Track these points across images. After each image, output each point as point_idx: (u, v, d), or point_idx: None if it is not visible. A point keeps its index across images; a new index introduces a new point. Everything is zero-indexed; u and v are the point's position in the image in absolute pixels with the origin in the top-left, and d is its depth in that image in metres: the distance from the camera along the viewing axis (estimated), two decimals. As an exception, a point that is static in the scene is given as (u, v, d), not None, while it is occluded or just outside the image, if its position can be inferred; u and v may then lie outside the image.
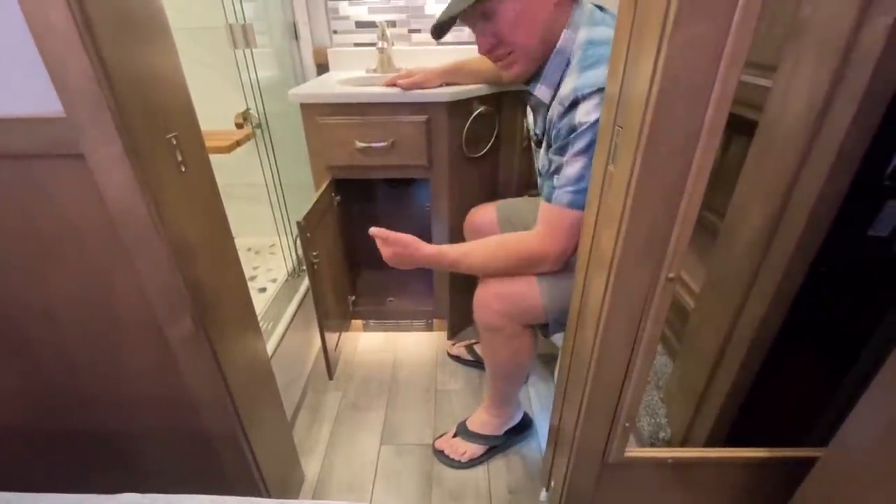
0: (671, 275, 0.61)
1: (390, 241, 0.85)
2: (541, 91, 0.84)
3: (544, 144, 0.87)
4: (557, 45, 0.80)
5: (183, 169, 0.62)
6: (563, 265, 0.84)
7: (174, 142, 0.60)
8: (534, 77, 0.86)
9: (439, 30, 0.86)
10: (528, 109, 1.00)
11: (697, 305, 1.01)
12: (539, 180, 0.95)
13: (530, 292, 0.84)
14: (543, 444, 1.13)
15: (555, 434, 0.95)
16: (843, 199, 0.70)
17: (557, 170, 0.79)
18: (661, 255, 0.59)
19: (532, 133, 0.99)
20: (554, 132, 0.80)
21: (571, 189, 0.76)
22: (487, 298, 0.87)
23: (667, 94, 0.48)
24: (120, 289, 0.64)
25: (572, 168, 0.76)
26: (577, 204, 0.76)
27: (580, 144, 0.74)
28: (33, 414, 0.78)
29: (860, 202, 0.72)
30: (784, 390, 0.87)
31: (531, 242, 0.82)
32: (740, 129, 1.11)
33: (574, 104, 0.74)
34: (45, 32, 0.46)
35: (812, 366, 0.84)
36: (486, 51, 0.84)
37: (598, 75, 0.72)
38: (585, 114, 0.73)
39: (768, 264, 0.78)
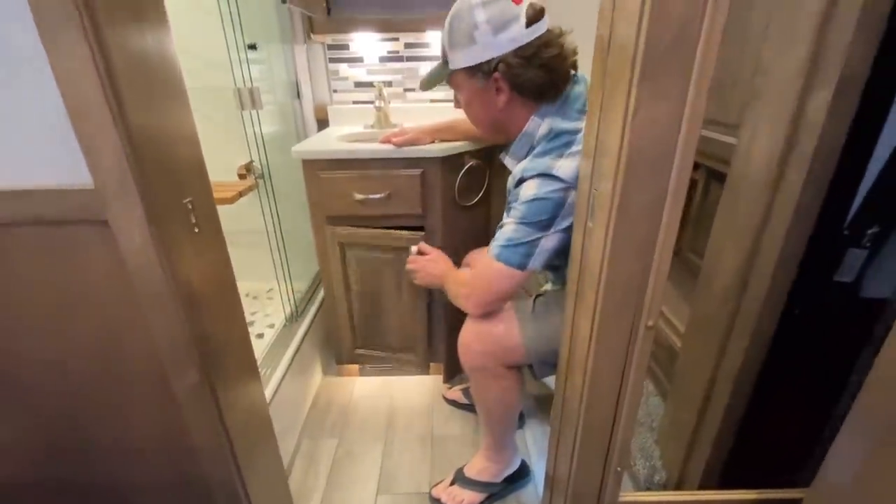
0: (650, 323, 0.65)
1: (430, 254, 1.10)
2: (508, 162, 0.96)
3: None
4: (524, 129, 0.89)
5: (196, 230, 0.67)
6: (481, 311, 0.92)
7: (189, 206, 0.65)
8: (505, 148, 0.96)
9: (425, 87, 1.00)
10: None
11: (683, 346, 1.04)
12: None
13: (509, 333, 0.90)
14: (541, 491, 1.13)
15: (551, 480, 0.96)
16: (807, 246, 0.76)
17: (500, 225, 0.88)
18: (639, 304, 0.64)
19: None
20: (509, 197, 0.90)
21: (501, 244, 0.85)
22: (468, 339, 0.92)
23: (633, 163, 0.54)
24: (129, 343, 0.68)
25: (507, 228, 0.85)
26: (503, 257, 0.84)
27: (516, 214, 0.84)
28: (36, 465, 0.79)
29: (824, 250, 0.78)
30: (772, 429, 0.90)
31: (462, 281, 0.95)
32: (718, 178, 1.19)
33: (520, 182, 0.85)
34: (80, 111, 0.52)
35: (797, 405, 0.87)
36: (456, 107, 0.99)
37: (543, 163, 0.82)
38: (526, 191, 0.83)
39: (744, 307, 0.83)
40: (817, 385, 0.85)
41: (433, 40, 1.52)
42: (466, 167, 1.28)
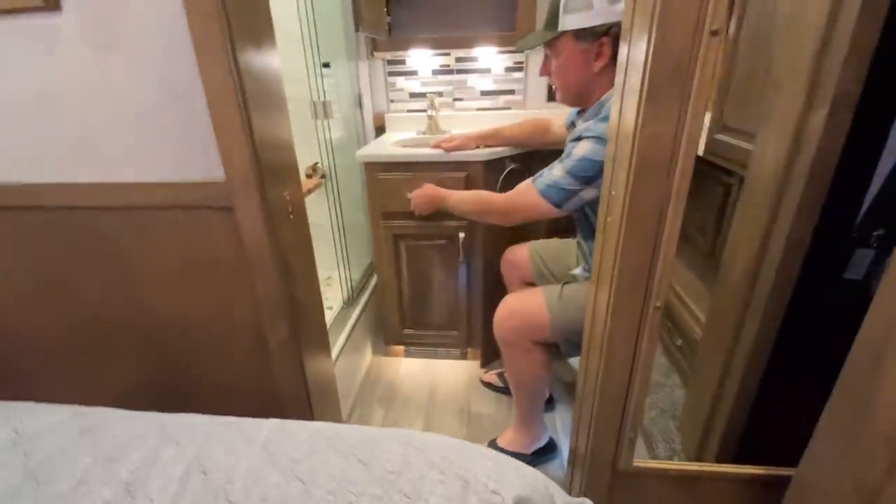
0: (658, 304, 0.77)
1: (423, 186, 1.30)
2: (579, 124, 1.07)
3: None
4: (602, 98, 1.01)
5: (291, 217, 0.86)
6: (508, 222, 1.13)
7: (287, 198, 0.84)
8: (581, 112, 1.10)
9: (522, 47, 1.12)
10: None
11: (703, 336, 1.13)
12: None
13: (538, 312, 1.03)
14: (566, 466, 1.25)
15: (573, 454, 1.08)
16: (818, 246, 0.84)
17: (550, 167, 1.02)
18: (648, 288, 0.76)
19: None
20: (566, 147, 1.03)
21: (548, 183, 1.00)
22: (503, 316, 1.06)
23: (640, 171, 0.67)
24: (239, 302, 0.87)
25: (556, 172, 0.99)
26: (546, 194, 1.00)
27: (567, 164, 0.97)
28: (159, 400, 1.01)
29: (834, 250, 0.86)
30: (780, 413, 0.98)
31: (497, 197, 1.12)
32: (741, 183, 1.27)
33: (578, 139, 0.97)
34: (222, 125, 0.72)
35: (804, 390, 0.94)
36: (542, 74, 1.09)
37: (602, 128, 0.94)
38: (580, 149, 0.96)
39: (755, 299, 0.92)
40: (823, 372, 0.92)
41: (480, 55, 1.68)
42: (507, 170, 1.42)
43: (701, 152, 1.31)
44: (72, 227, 0.85)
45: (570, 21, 0.96)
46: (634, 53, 0.67)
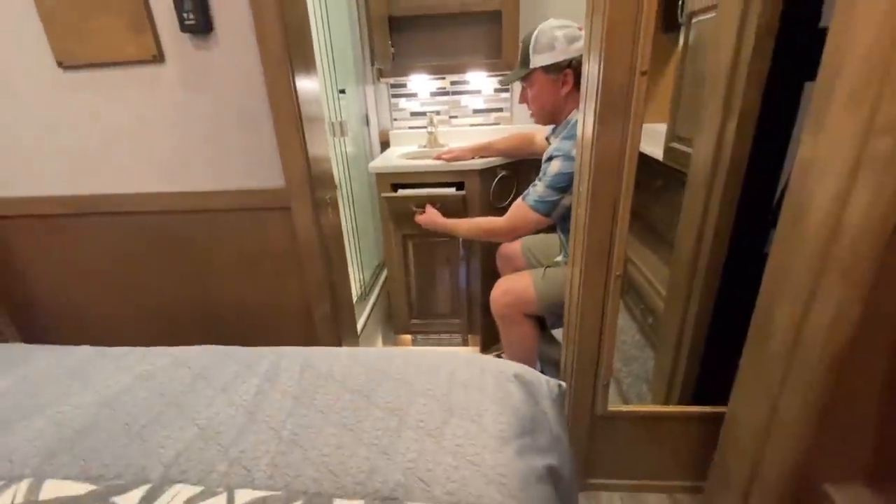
0: (618, 273, 1.01)
1: (428, 210, 1.50)
2: (552, 140, 1.32)
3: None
4: (568, 117, 1.26)
5: (330, 215, 1.09)
6: (513, 239, 1.38)
7: (328, 200, 1.07)
8: (554, 131, 1.34)
9: (507, 83, 1.40)
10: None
11: (664, 309, 1.37)
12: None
13: (526, 289, 1.26)
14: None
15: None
16: (743, 228, 1.09)
17: (534, 184, 1.26)
18: (609, 261, 0.99)
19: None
20: (543, 165, 1.27)
21: (535, 199, 1.23)
22: (497, 293, 1.30)
23: (598, 172, 0.91)
24: (289, 285, 1.10)
25: (539, 188, 1.23)
26: (536, 208, 1.23)
27: (546, 180, 1.22)
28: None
29: (755, 231, 1.10)
30: (724, 367, 1.21)
31: (498, 221, 1.32)
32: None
33: (550, 158, 1.22)
34: (285, 144, 0.95)
35: (742, 347, 1.18)
36: (520, 102, 1.35)
37: (567, 146, 1.18)
38: (553, 166, 1.21)
39: (697, 273, 1.16)
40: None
41: (472, 78, 1.93)
42: (499, 177, 1.67)
43: (662, 158, 1.56)
44: (155, 229, 1.07)
45: (539, 60, 1.21)
46: (590, 86, 0.91)
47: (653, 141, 1.57)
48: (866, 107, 0.66)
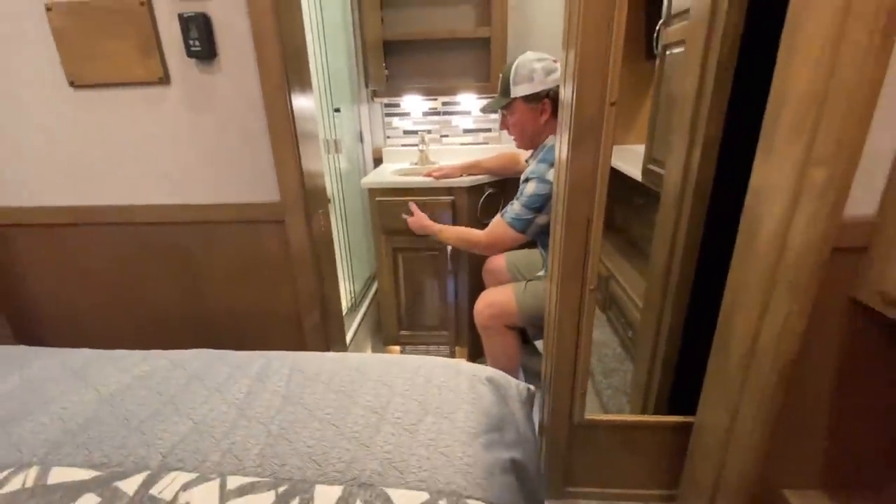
0: (591, 287, 1.07)
1: (416, 214, 1.53)
2: (531, 162, 1.39)
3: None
4: (545, 141, 1.34)
5: (323, 228, 1.15)
6: (491, 253, 1.45)
7: (321, 213, 1.13)
8: (533, 154, 1.41)
9: (487, 110, 1.46)
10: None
11: (640, 322, 1.44)
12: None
13: (508, 302, 1.32)
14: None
15: (541, 421, 1.35)
16: (703, 247, 1.16)
17: (512, 203, 1.33)
18: (584, 275, 1.06)
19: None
20: (520, 186, 1.34)
21: (512, 217, 1.31)
22: (480, 306, 1.35)
23: (572, 192, 0.98)
24: (282, 294, 1.15)
25: (517, 206, 1.30)
26: (514, 225, 1.30)
27: (523, 200, 1.29)
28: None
29: (720, 248, 1.18)
30: (696, 377, 1.27)
31: (480, 234, 1.39)
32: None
33: (527, 179, 1.29)
34: (282, 162, 1.01)
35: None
36: (503, 128, 1.43)
37: (542, 169, 1.26)
38: (529, 188, 1.28)
39: (670, 287, 1.23)
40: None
41: (462, 99, 2.02)
42: (486, 194, 1.74)
43: (640, 179, 1.65)
44: (153, 239, 1.13)
45: (519, 90, 1.30)
46: (564, 114, 0.99)
47: (634, 162, 1.66)
48: (804, 139, 0.74)
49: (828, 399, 0.89)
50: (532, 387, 0.78)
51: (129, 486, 0.50)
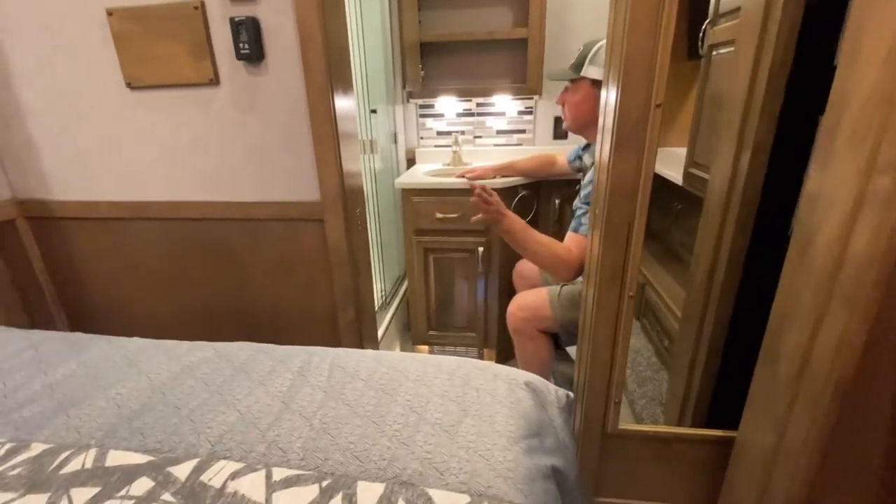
0: (630, 293, 1.05)
1: (490, 199, 1.27)
2: (586, 158, 1.35)
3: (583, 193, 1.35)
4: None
5: (360, 228, 1.16)
6: (574, 276, 1.26)
7: (358, 213, 1.15)
8: (588, 148, 1.35)
9: (551, 78, 1.37)
10: (581, 169, 1.49)
11: (678, 331, 1.39)
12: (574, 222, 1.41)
13: (542, 305, 1.30)
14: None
15: (573, 427, 1.33)
16: (750, 256, 1.12)
17: (585, 213, 1.26)
18: (623, 281, 1.04)
19: (579, 186, 1.47)
20: (587, 189, 1.27)
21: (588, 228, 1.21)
22: (513, 308, 1.34)
23: (612, 197, 0.96)
24: (319, 290, 1.17)
25: (587, 217, 1.24)
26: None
27: None
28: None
29: (770, 259, 1.13)
30: (739, 390, 1.22)
31: (563, 253, 1.24)
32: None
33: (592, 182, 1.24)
34: (322, 162, 1.03)
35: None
36: (559, 102, 1.34)
37: None
38: None
39: (711, 296, 1.19)
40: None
41: (497, 101, 2.01)
42: (519, 196, 1.73)
43: (681, 183, 1.60)
44: (200, 235, 1.17)
45: (591, 71, 1.24)
46: (607, 114, 0.97)
47: (674, 165, 1.61)
48: (868, 145, 0.70)
49: (888, 422, 0.83)
50: (570, 393, 0.77)
51: (181, 472, 0.52)
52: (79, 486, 0.52)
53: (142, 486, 0.51)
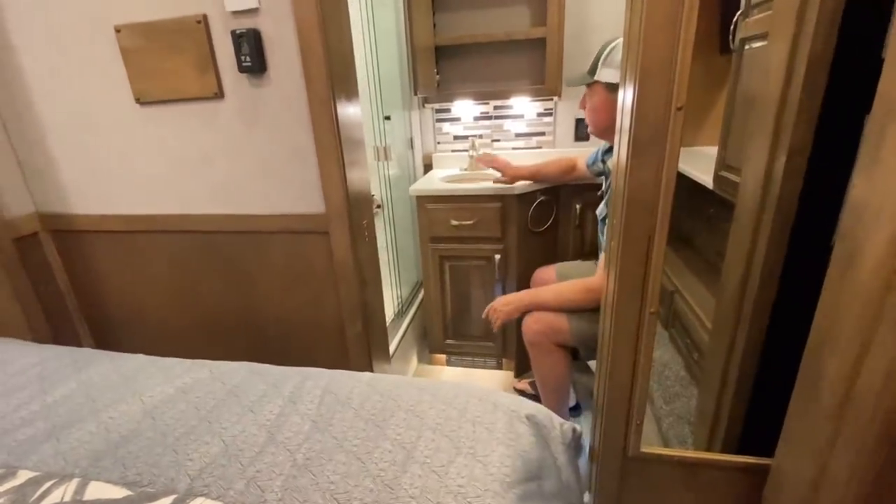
0: (652, 310, 0.97)
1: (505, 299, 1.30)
2: (610, 163, 1.27)
3: (605, 200, 1.28)
4: None
5: (366, 240, 1.13)
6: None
7: (364, 225, 1.12)
8: (608, 150, 1.28)
9: (569, 84, 1.33)
10: (603, 172, 1.42)
11: (708, 346, 1.30)
12: (599, 226, 1.36)
13: (559, 319, 1.24)
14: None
15: (592, 446, 1.26)
16: (788, 267, 1.02)
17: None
18: (643, 296, 0.96)
19: (601, 191, 1.40)
20: (610, 195, 1.19)
21: None
22: (529, 321, 1.28)
23: (630, 208, 0.89)
24: (326, 304, 1.15)
25: None
26: None
27: None
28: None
29: (810, 272, 1.03)
30: (773, 413, 1.12)
31: (593, 280, 1.21)
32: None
33: None
34: (327, 175, 1.01)
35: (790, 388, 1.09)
36: (580, 107, 1.30)
37: None
38: None
39: (744, 308, 1.09)
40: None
41: (515, 103, 1.95)
42: (537, 202, 1.66)
43: (711, 186, 1.50)
44: (209, 247, 1.17)
45: (604, 74, 1.18)
46: (624, 118, 0.90)
47: (704, 167, 1.51)
48: (925, 149, 0.61)
49: (948, 461, 0.73)
50: (577, 426, 0.71)
51: (157, 509, 0.50)
52: (57, 519, 0.51)
53: (117, 523, 0.50)
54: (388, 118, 1.74)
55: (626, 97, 0.91)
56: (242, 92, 1.01)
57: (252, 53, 0.96)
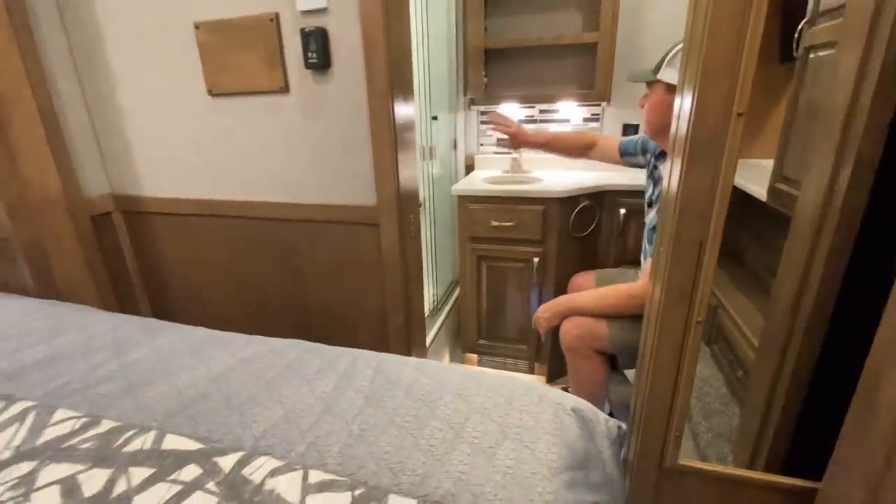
0: (699, 319, 0.96)
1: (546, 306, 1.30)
2: (662, 169, 1.25)
3: (656, 208, 1.27)
4: None
5: (413, 234, 1.17)
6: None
7: (412, 218, 1.15)
8: (662, 155, 1.27)
9: (630, 79, 1.28)
10: (651, 176, 1.37)
11: (754, 362, 1.26)
12: (647, 234, 1.33)
13: (598, 324, 1.22)
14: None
15: (626, 456, 1.24)
16: (847, 285, 0.98)
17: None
18: (690, 304, 0.95)
19: (648, 197, 1.38)
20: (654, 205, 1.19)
21: None
22: (567, 326, 1.27)
23: (683, 214, 0.88)
24: (372, 293, 1.19)
25: None
26: None
27: None
28: (301, 365, 1.35)
29: (871, 290, 0.99)
30: (823, 435, 1.08)
31: (636, 286, 1.19)
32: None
33: None
34: (380, 168, 1.05)
35: (841, 410, 1.05)
36: (640, 104, 1.26)
37: None
38: None
39: (796, 326, 1.06)
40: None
41: (562, 107, 1.95)
42: (580, 206, 1.66)
43: (765, 199, 1.45)
44: (264, 233, 1.23)
45: (666, 74, 1.16)
46: (680, 122, 0.90)
47: (758, 179, 1.47)
48: None
49: None
50: (622, 424, 0.71)
51: (226, 463, 0.54)
52: (137, 465, 0.56)
53: (190, 472, 0.54)
54: (435, 118, 1.78)
55: (683, 102, 0.90)
56: (306, 87, 1.07)
57: (318, 50, 1.01)
